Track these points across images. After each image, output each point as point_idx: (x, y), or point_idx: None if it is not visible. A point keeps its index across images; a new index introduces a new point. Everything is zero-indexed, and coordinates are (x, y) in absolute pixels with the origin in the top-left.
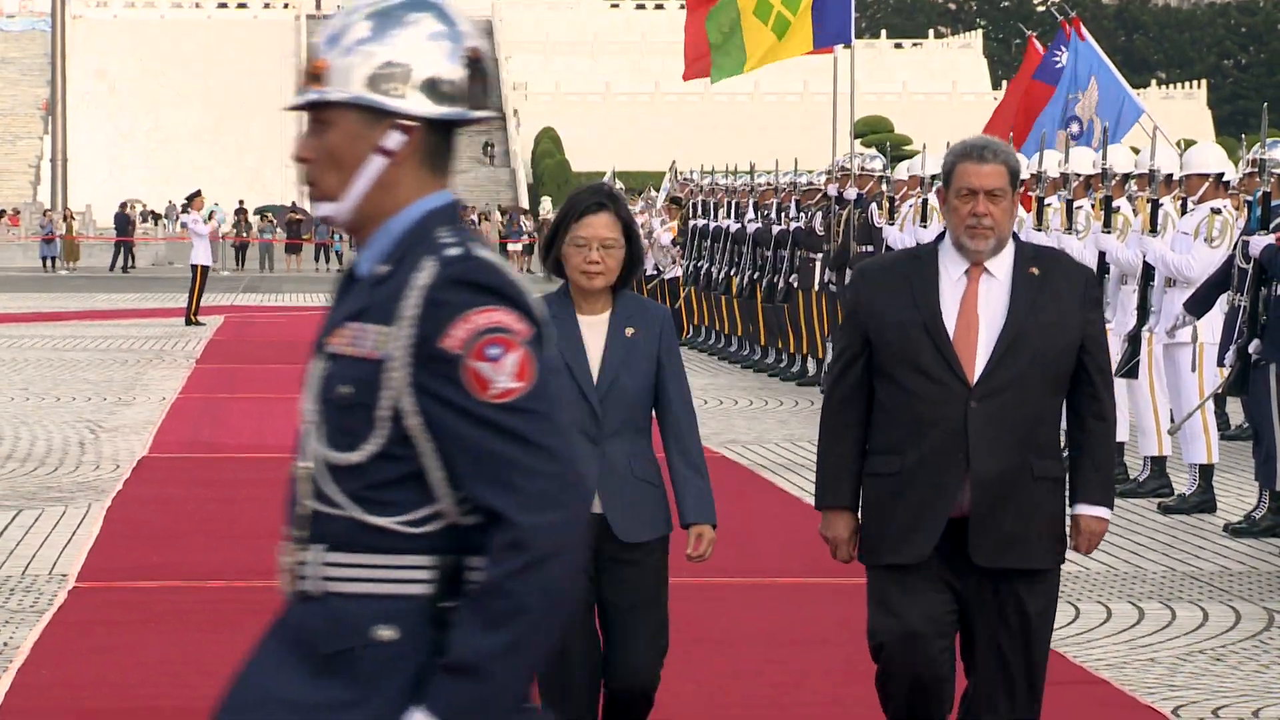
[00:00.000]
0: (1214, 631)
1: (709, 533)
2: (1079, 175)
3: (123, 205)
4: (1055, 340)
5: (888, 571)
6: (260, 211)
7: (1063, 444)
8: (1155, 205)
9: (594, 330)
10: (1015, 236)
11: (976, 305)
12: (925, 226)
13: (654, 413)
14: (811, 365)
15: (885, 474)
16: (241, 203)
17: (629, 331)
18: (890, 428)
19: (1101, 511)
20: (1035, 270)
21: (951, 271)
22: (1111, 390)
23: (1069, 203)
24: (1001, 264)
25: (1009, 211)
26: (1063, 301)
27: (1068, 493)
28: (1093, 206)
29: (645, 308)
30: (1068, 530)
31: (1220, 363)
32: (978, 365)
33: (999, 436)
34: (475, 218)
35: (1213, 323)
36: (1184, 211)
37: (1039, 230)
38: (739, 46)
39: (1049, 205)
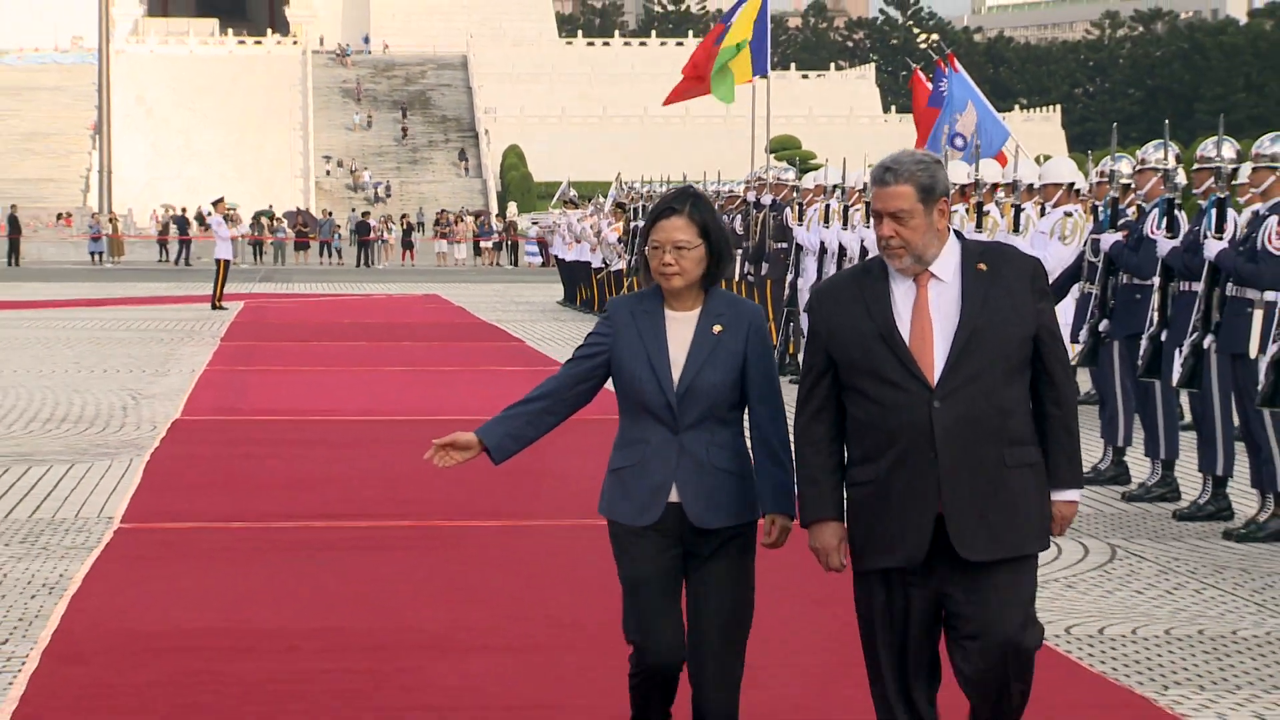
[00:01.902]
0: (1066, 564)
1: (782, 521)
2: (955, 184)
3: (180, 210)
4: (1010, 332)
5: (878, 575)
6: (272, 215)
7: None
8: (1018, 210)
9: (681, 326)
10: (960, 236)
11: (928, 309)
12: (828, 227)
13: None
14: None
15: (864, 482)
16: (271, 208)
17: (716, 329)
18: (863, 438)
19: (1070, 494)
20: (983, 266)
21: (901, 280)
22: (1069, 375)
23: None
24: (948, 266)
25: (920, 227)
26: (1014, 294)
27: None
28: (966, 211)
29: (736, 306)
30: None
31: (1074, 340)
32: (936, 366)
33: (965, 432)
34: (452, 219)
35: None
36: (1042, 214)
37: None
38: (731, 76)
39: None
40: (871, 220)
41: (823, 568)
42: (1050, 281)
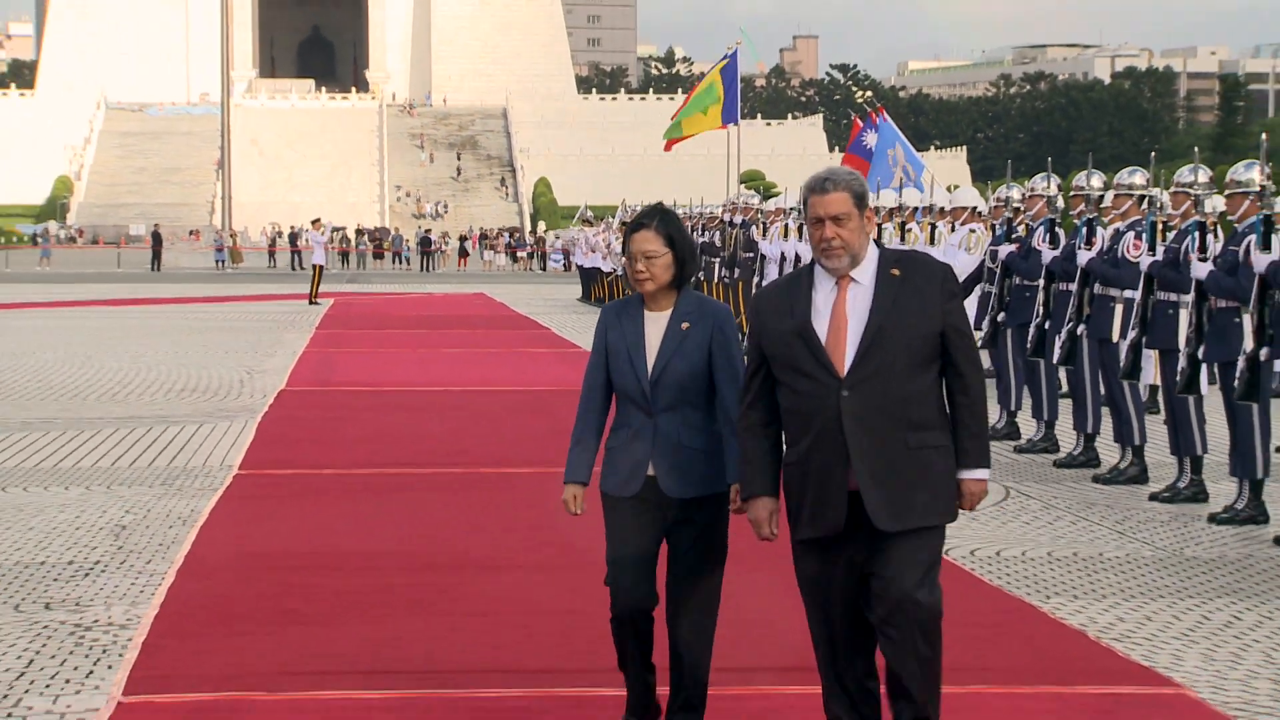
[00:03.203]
0: None
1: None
2: (883, 208)
3: (292, 227)
4: (917, 329)
5: (810, 544)
6: (361, 231)
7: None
8: (933, 227)
9: (656, 324)
10: (879, 245)
11: (845, 309)
12: (786, 240)
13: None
14: None
15: (792, 463)
16: (360, 226)
17: (684, 325)
18: (790, 423)
19: (979, 474)
20: (896, 271)
21: (824, 284)
22: (976, 367)
23: (879, 225)
24: (866, 271)
25: (857, 230)
26: (923, 295)
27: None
28: (894, 228)
29: (703, 305)
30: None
31: (976, 328)
32: (847, 360)
33: (869, 418)
34: (494, 234)
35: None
36: (952, 230)
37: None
38: (679, 124)
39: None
40: (806, 228)
41: (757, 537)
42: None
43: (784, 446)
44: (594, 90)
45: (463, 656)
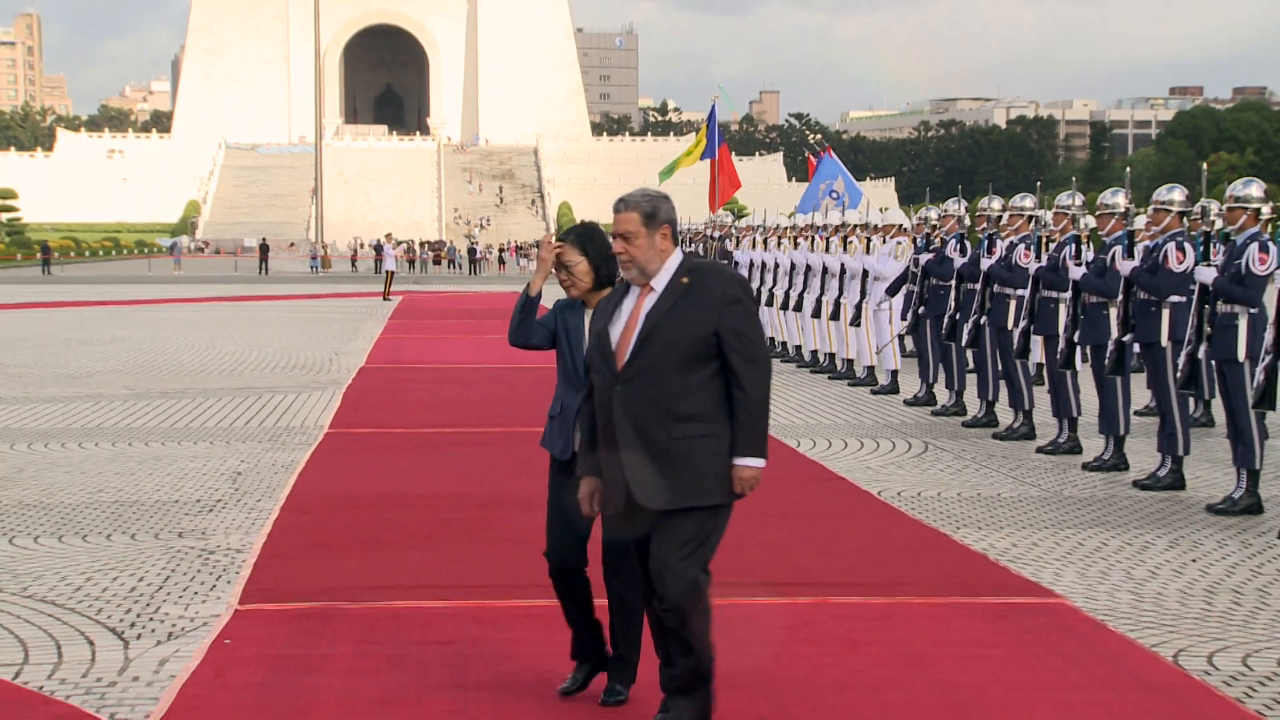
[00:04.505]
0: (898, 454)
1: None
2: (831, 224)
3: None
4: (690, 331)
5: (611, 517)
6: (421, 243)
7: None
8: (869, 240)
9: (585, 319)
10: (686, 256)
11: (639, 314)
12: (754, 249)
13: None
14: None
15: (596, 450)
16: (423, 239)
17: None
18: (598, 416)
19: (749, 461)
20: (686, 280)
21: (634, 292)
22: (750, 366)
23: (827, 239)
24: (662, 280)
25: (644, 246)
26: (703, 301)
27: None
28: (840, 239)
29: None
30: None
31: (903, 318)
32: (625, 359)
33: (634, 410)
34: (526, 246)
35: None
36: (884, 243)
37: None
38: (671, 168)
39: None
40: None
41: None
42: (888, 286)
43: None
44: (604, 133)
45: (504, 574)
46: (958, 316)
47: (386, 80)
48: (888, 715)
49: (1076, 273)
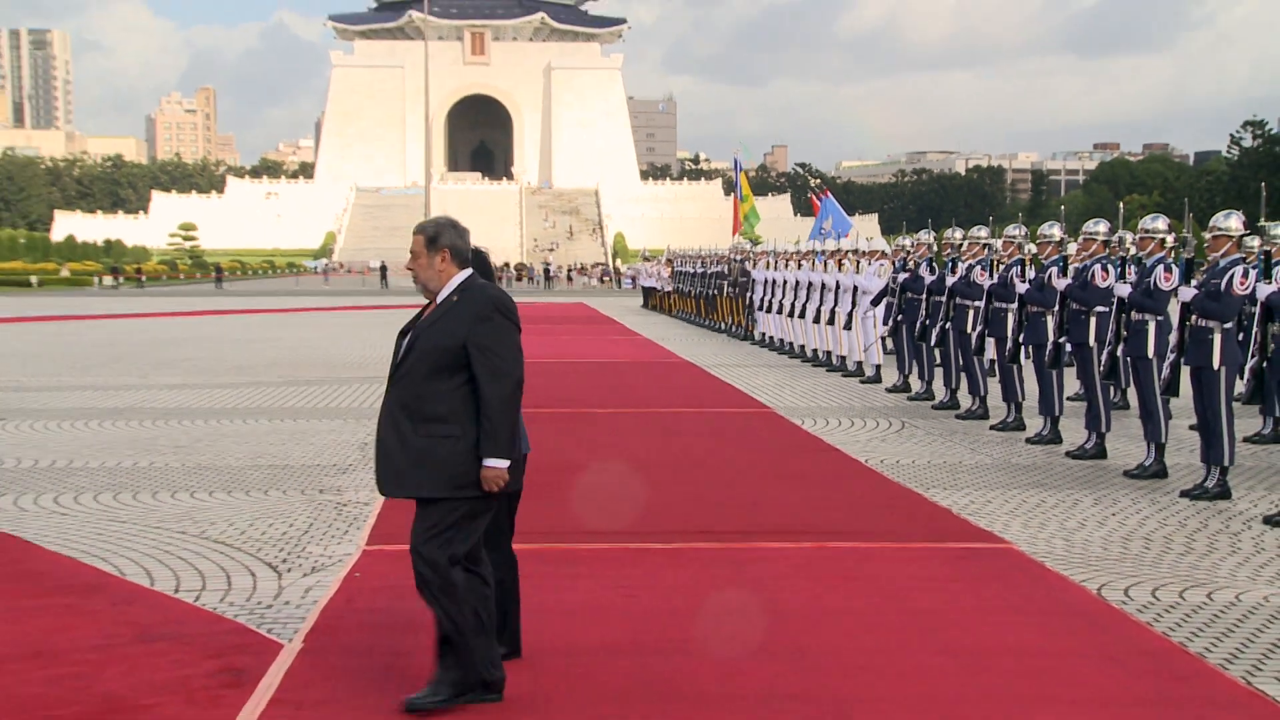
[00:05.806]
0: (881, 430)
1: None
2: (827, 250)
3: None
4: (441, 344)
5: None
6: (506, 265)
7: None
8: (859, 261)
9: None
10: (470, 279)
11: (417, 325)
12: (769, 270)
13: None
14: (723, 325)
15: None
16: (507, 261)
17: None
18: None
19: (491, 462)
20: (455, 298)
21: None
22: (493, 376)
23: (825, 261)
24: (441, 296)
25: (425, 265)
26: (460, 317)
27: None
28: (835, 262)
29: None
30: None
31: (885, 323)
32: (396, 363)
33: (393, 409)
34: (590, 266)
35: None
36: (869, 264)
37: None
38: (755, 217)
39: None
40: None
41: None
42: (872, 299)
43: None
44: (650, 178)
45: (582, 518)
46: (928, 322)
47: (480, 137)
48: (871, 634)
49: (1021, 288)
